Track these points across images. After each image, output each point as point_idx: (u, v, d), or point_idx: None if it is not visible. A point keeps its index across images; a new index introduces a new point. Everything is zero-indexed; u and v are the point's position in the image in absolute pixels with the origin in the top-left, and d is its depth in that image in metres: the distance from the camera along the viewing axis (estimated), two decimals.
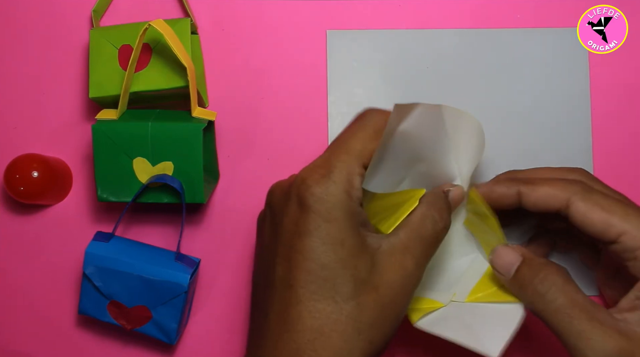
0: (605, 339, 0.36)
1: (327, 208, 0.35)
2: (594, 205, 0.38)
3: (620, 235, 0.37)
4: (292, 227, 0.36)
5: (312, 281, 0.35)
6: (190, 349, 0.50)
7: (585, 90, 0.50)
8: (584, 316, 0.36)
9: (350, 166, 0.36)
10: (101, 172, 0.45)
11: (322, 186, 0.35)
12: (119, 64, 0.46)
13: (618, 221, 0.37)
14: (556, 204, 0.39)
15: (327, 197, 0.35)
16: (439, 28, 0.51)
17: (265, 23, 0.51)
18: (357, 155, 0.36)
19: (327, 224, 0.34)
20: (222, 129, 0.50)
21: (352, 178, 0.35)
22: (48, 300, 0.50)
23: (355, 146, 0.36)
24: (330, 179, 0.35)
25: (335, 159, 0.36)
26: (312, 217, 0.35)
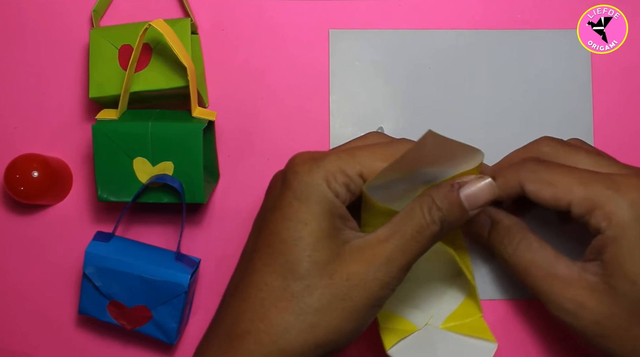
0: (559, 293, 0.38)
1: (302, 188, 0.35)
2: (540, 183, 0.39)
3: (569, 204, 0.38)
4: (270, 204, 0.37)
5: (269, 253, 0.36)
6: (190, 349, 0.50)
7: (587, 90, 0.50)
8: (540, 274, 0.39)
9: (343, 164, 0.36)
10: (101, 172, 0.45)
11: (305, 167, 0.36)
12: (119, 64, 0.46)
13: (564, 192, 0.38)
14: (515, 190, 0.41)
15: (306, 178, 0.35)
16: (440, 29, 0.51)
17: (266, 23, 0.51)
18: (358, 161, 0.36)
19: (297, 202, 0.35)
20: (222, 129, 0.50)
21: (338, 174, 0.36)
22: (48, 300, 0.50)
23: (363, 154, 0.37)
24: (316, 164, 0.36)
25: (333, 152, 0.37)
26: (286, 194, 0.36)
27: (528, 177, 0.40)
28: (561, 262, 0.39)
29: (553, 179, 0.39)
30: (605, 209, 0.37)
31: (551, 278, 0.39)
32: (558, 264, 0.39)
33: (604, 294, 0.38)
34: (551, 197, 0.39)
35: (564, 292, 0.38)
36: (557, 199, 0.39)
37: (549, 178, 0.39)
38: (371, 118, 0.50)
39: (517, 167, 0.41)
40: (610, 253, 0.37)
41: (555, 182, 0.39)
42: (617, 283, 0.37)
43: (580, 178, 0.38)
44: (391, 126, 0.50)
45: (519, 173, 0.40)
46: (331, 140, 0.50)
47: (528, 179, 0.40)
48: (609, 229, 0.37)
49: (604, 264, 0.38)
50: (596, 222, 0.38)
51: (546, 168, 0.40)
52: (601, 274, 0.38)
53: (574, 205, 0.38)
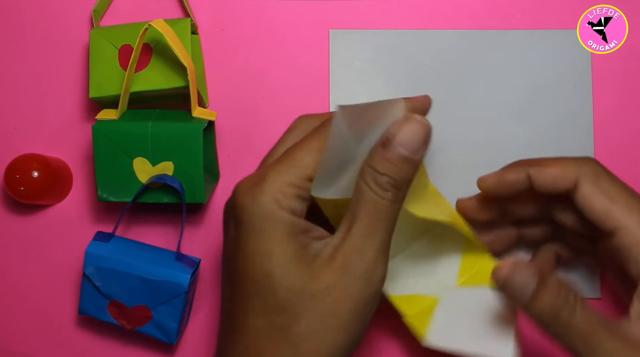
0: (625, 353, 0.33)
1: (253, 219, 0.33)
2: (599, 190, 0.35)
3: (617, 228, 0.35)
4: (231, 246, 0.35)
5: (245, 297, 0.34)
6: (190, 349, 0.50)
7: (587, 91, 0.50)
8: (602, 331, 0.34)
9: (286, 176, 0.34)
10: (101, 172, 0.45)
11: (249, 197, 0.33)
12: (119, 64, 0.46)
13: (619, 212, 0.35)
14: (565, 185, 0.37)
15: (255, 208, 0.33)
16: (440, 29, 0.51)
17: (266, 23, 0.51)
18: (300, 167, 0.34)
19: (255, 236, 0.33)
20: (222, 129, 0.50)
21: (284, 188, 0.33)
22: (48, 300, 0.50)
23: (303, 158, 0.34)
24: (258, 190, 0.33)
25: (272, 169, 0.34)
26: (242, 232, 0.34)
27: (588, 177, 0.36)
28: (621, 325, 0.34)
29: (613, 193, 0.35)
30: None
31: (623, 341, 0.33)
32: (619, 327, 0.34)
33: None
34: (601, 211, 0.35)
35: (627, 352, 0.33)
36: (608, 216, 0.35)
37: (610, 190, 0.35)
38: None
39: (579, 162, 0.37)
40: None
41: (615, 197, 0.35)
42: None
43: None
44: None
45: (581, 168, 0.36)
46: None
47: (588, 179, 0.36)
48: None
49: None
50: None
51: (610, 179, 0.36)
52: None
53: (624, 232, 0.34)
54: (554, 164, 0.38)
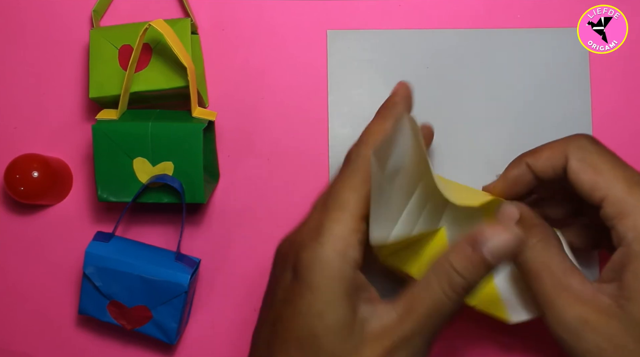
0: (565, 307, 0.35)
1: (312, 276, 0.32)
2: (586, 164, 0.36)
3: (603, 199, 0.35)
4: (282, 295, 0.34)
5: (285, 350, 0.33)
6: (190, 349, 0.50)
7: (585, 90, 0.50)
8: (550, 282, 0.36)
9: (343, 223, 0.33)
10: (101, 172, 0.45)
11: (310, 251, 0.32)
12: (119, 64, 0.46)
13: (604, 183, 0.35)
14: (558, 164, 0.37)
15: (315, 264, 0.32)
16: (439, 28, 0.51)
17: (265, 23, 0.51)
18: (351, 209, 0.33)
19: (309, 294, 0.32)
20: (222, 129, 0.50)
21: (347, 236, 0.33)
22: (48, 300, 0.50)
23: (348, 198, 0.34)
24: (319, 243, 0.32)
25: (327, 218, 0.33)
26: (298, 286, 0.33)
27: (575, 153, 0.37)
28: (576, 276, 0.36)
29: (599, 165, 0.35)
30: (638, 219, 0.34)
31: (561, 289, 0.35)
32: (573, 277, 0.36)
33: (614, 318, 0.34)
34: (589, 184, 0.35)
35: (570, 307, 0.35)
36: (594, 188, 0.35)
37: (596, 162, 0.36)
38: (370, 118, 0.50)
39: (569, 139, 0.38)
40: (632, 273, 0.34)
41: (601, 169, 0.35)
42: (633, 308, 0.33)
43: (628, 177, 0.35)
44: None
45: (568, 146, 0.37)
46: (330, 140, 0.50)
47: (575, 155, 0.36)
48: (635, 243, 0.33)
49: (622, 285, 0.34)
50: (623, 230, 0.34)
51: (597, 151, 0.36)
52: (617, 295, 0.34)
53: (608, 202, 0.35)
54: (546, 147, 0.39)
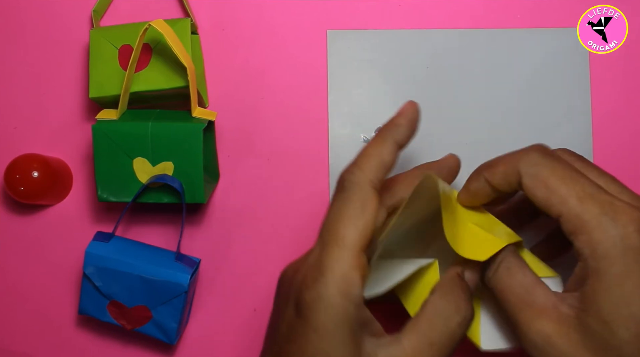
0: (529, 323, 0.35)
1: (317, 317, 0.32)
2: (538, 181, 0.35)
3: (558, 215, 0.35)
4: (286, 330, 0.34)
5: None
6: (190, 349, 0.50)
7: (585, 90, 0.50)
8: (514, 300, 0.36)
9: (343, 261, 0.32)
10: (101, 172, 0.45)
11: (314, 292, 0.32)
12: (119, 64, 0.46)
13: (557, 200, 0.35)
14: (514, 180, 0.37)
15: (319, 305, 0.32)
16: (439, 28, 0.51)
17: (265, 23, 0.51)
18: (349, 245, 0.33)
19: (314, 335, 0.32)
20: (222, 129, 0.50)
21: (348, 275, 0.32)
22: (48, 300, 0.50)
23: (345, 233, 0.33)
24: (321, 283, 0.32)
25: (325, 256, 0.33)
26: (302, 326, 0.32)
27: (527, 170, 0.36)
28: (539, 290, 0.35)
29: (551, 181, 0.35)
30: (593, 236, 0.33)
31: (524, 305, 0.35)
32: (535, 292, 0.35)
33: (574, 330, 0.33)
34: (544, 201, 0.35)
35: (533, 323, 0.34)
36: (549, 206, 0.35)
37: (548, 178, 0.35)
38: (369, 118, 0.50)
39: (520, 155, 0.37)
40: (590, 286, 0.33)
41: (553, 186, 0.35)
42: (590, 321, 0.33)
43: (580, 191, 0.34)
44: None
45: (519, 162, 0.36)
46: (330, 140, 0.50)
47: (526, 172, 0.36)
48: (591, 259, 0.33)
49: (582, 297, 0.34)
50: (580, 246, 0.34)
51: (548, 165, 0.36)
52: (576, 307, 0.34)
53: (564, 219, 0.34)
54: (500, 162, 0.38)
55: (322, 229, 0.35)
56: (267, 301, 0.49)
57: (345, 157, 0.50)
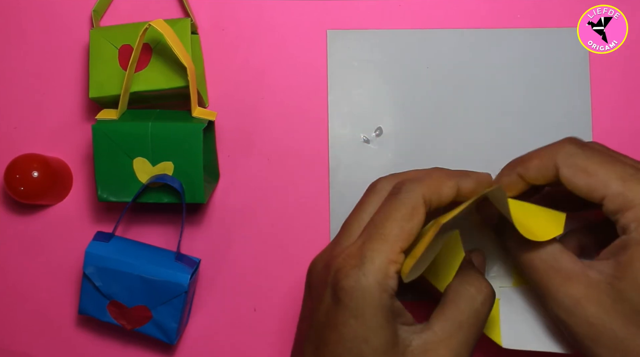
0: (558, 287, 0.36)
1: (355, 303, 0.34)
2: (577, 169, 0.37)
3: (602, 198, 0.36)
4: (324, 318, 0.35)
5: None
6: (190, 349, 0.50)
7: (585, 90, 0.50)
8: (542, 267, 0.37)
9: (384, 254, 0.34)
10: (101, 172, 0.45)
11: (352, 279, 0.34)
12: (119, 64, 0.46)
13: (600, 183, 0.36)
14: (549, 173, 0.38)
15: (357, 292, 0.34)
16: (439, 28, 0.51)
17: (265, 23, 0.51)
18: (392, 241, 0.35)
19: (353, 320, 0.34)
20: (222, 129, 0.50)
21: (386, 267, 0.34)
22: (48, 300, 0.50)
23: (391, 230, 0.35)
24: (361, 271, 0.34)
25: (368, 247, 0.35)
26: (341, 312, 0.34)
27: (565, 161, 0.38)
28: (565, 257, 0.37)
29: (591, 167, 0.37)
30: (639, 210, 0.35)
31: (553, 271, 0.37)
32: (562, 258, 0.37)
33: (605, 294, 0.35)
34: (585, 187, 0.37)
35: (562, 286, 0.36)
36: (591, 190, 0.37)
37: (587, 166, 0.37)
38: (369, 118, 0.50)
39: (555, 148, 0.39)
40: (629, 255, 0.35)
41: (593, 171, 0.37)
42: (625, 287, 0.35)
43: (621, 173, 0.36)
44: (389, 126, 0.50)
45: (556, 155, 0.38)
46: (330, 140, 0.50)
47: (564, 163, 0.38)
48: (636, 231, 0.35)
49: (617, 265, 0.35)
50: (626, 222, 0.35)
51: (585, 154, 0.37)
52: (608, 274, 0.36)
53: (608, 200, 0.36)
54: (535, 156, 0.40)
55: (370, 222, 0.37)
56: (267, 301, 0.50)
57: (345, 157, 0.50)
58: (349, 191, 0.49)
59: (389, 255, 0.34)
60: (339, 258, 0.35)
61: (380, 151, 0.50)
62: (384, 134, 0.50)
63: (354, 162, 0.50)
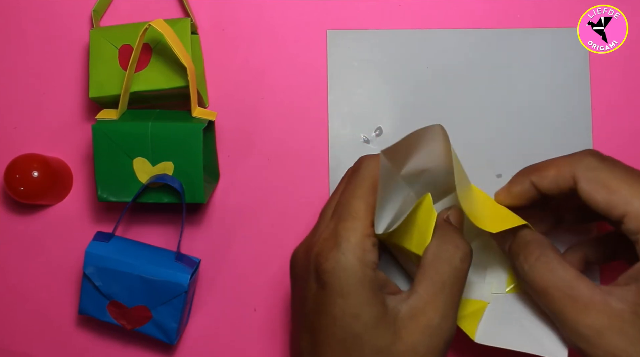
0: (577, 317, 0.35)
1: (340, 283, 0.34)
2: (597, 184, 0.36)
3: (623, 216, 0.35)
4: (312, 304, 0.36)
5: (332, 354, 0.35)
6: (190, 349, 0.50)
7: (585, 90, 0.50)
8: (557, 295, 0.36)
9: (358, 230, 0.35)
10: (101, 172, 0.45)
11: (332, 260, 0.34)
12: (119, 64, 0.46)
13: (621, 200, 0.35)
14: (566, 185, 0.37)
15: (339, 272, 0.34)
16: (439, 28, 0.51)
17: (265, 23, 0.51)
18: (362, 217, 0.35)
19: (341, 300, 0.34)
20: (222, 129, 0.50)
21: (362, 243, 0.35)
22: (48, 300, 0.50)
23: (358, 207, 0.36)
24: (339, 252, 0.34)
25: (341, 227, 0.35)
26: (327, 294, 0.35)
27: (584, 174, 0.36)
28: (582, 284, 0.35)
29: (612, 183, 0.35)
30: None
31: (570, 300, 0.35)
32: (579, 285, 0.35)
33: (628, 324, 0.34)
34: (604, 203, 0.35)
35: (582, 316, 0.35)
36: (611, 207, 0.35)
37: (608, 181, 0.35)
38: (369, 118, 0.50)
39: (575, 159, 0.37)
40: None
41: (615, 187, 0.35)
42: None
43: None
44: (389, 126, 0.50)
45: (576, 167, 0.37)
46: (330, 140, 0.50)
47: (584, 176, 0.36)
48: None
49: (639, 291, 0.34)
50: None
51: (607, 168, 0.36)
52: (632, 301, 0.34)
53: (629, 218, 0.35)
54: (552, 166, 0.39)
55: (334, 205, 0.38)
56: (267, 300, 0.50)
57: (345, 157, 0.50)
58: None
59: (363, 230, 0.35)
60: (317, 243, 0.36)
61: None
62: (384, 134, 0.50)
63: (353, 162, 0.50)
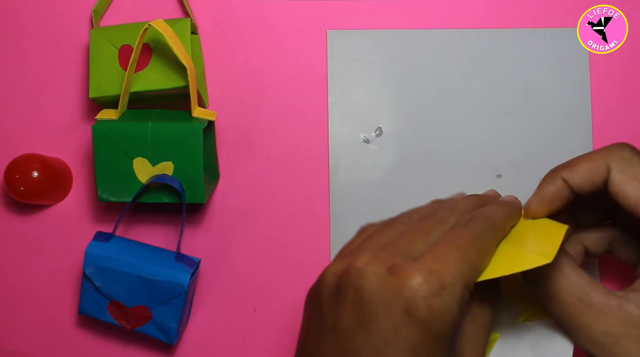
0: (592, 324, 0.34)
1: (439, 326, 0.30)
2: (630, 177, 0.35)
3: None
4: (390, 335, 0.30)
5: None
6: (190, 349, 0.50)
7: (585, 90, 0.50)
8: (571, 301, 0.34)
9: (467, 279, 0.31)
10: (101, 172, 0.45)
11: (440, 299, 0.30)
12: (119, 64, 0.46)
13: None
14: (599, 177, 0.36)
15: (443, 315, 0.30)
16: (439, 28, 0.51)
17: (265, 23, 0.51)
18: (477, 270, 0.32)
19: (434, 343, 0.30)
20: (222, 129, 0.50)
21: (465, 293, 0.31)
22: (48, 300, 0.50)
23: (480, 262, 0.32)
24: (447, 291, 0.30)
25: (453, 267, 0.31)
26: (423, 334, 0.30)
27: (618, 165, 0.35)
28: (597, 290, 0.34)
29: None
30: None
31: (584, 307, 0.34)
32: (592, 292, 0.34)
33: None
34: (634, 198, 0.34)
35: (597, 324, 0.34)
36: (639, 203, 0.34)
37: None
38: (369, 118, 0.50)
39: (609, 150, 0.36)
40: None
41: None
42: None
43: None
44: (389, 126, 0.50)
45: (610, 157, 0.35)
46: (330, 140, 0.50)
47: (617, 167, 0.35)
48: None
49: None
50: None
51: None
52: None
53: None
54: (584, 159, 0.37)
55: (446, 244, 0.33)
56: (267, 301, 0.50)
57: (345, 157, 0.50)
58: (349, 191, 0.49)
59: (469, 281, 0.32)
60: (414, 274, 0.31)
61: (380, 151, 0.50)
62: (384, 134, 0.50)
63: (354, 162, 0.50)
